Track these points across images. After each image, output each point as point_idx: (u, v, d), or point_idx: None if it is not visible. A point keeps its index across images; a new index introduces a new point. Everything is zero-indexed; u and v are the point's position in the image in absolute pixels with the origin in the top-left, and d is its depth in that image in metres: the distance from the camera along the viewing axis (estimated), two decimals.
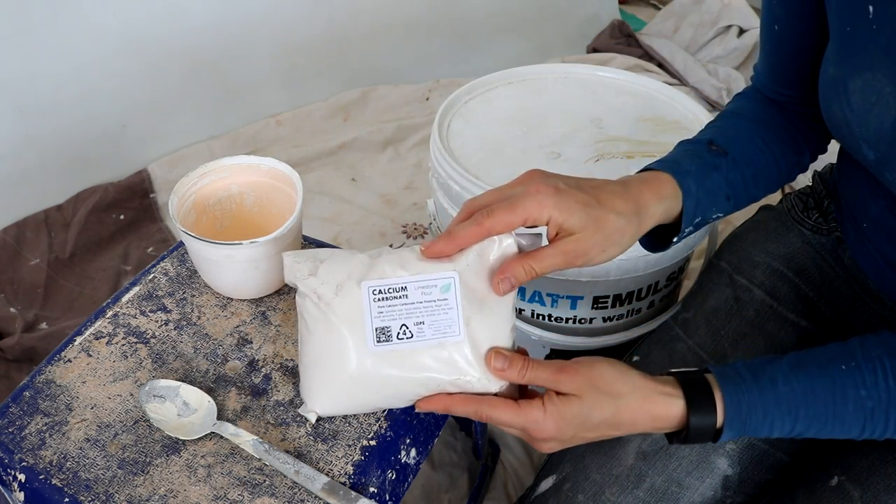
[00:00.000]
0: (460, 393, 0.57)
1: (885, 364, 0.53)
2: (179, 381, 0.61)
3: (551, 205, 0.53)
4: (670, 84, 1.56)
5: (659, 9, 2.10)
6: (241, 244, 0.63)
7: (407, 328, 0.57)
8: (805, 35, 0.65)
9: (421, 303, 0.58)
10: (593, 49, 1.85)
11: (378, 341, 0.57)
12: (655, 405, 0.54)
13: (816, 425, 0.54)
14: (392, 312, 0.57)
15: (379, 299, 0.58)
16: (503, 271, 0.54)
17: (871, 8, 0.52)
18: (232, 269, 0.65)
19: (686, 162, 0.63)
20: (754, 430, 0.55)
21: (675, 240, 0.63)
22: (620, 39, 1.86)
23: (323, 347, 0.58)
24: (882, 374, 0.53)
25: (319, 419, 0.60)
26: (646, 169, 0.62)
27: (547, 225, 0.54)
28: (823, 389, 0.54)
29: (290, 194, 0.69)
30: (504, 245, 0.57)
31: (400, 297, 0.57)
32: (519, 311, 0.92)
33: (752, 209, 0.89)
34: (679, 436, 0.56)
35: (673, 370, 0.58)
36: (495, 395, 0.57)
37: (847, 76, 0.55)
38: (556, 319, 0.91)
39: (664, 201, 0.59)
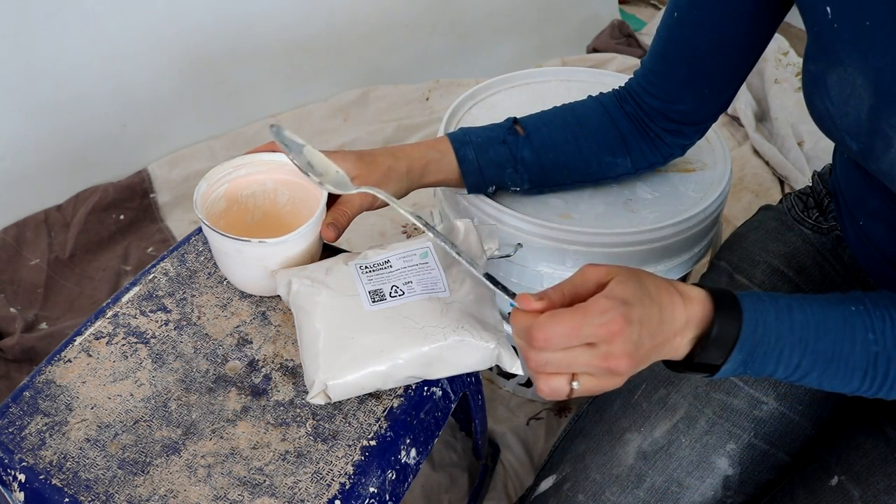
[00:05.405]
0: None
1: (892, 314, 0.53)
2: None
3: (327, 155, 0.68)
4: None
5: (659, 9, 2.10)
6: (249, 241, 0.63)
7: (397, 287, 0.62)
8: (700, 27, 0.67)
9: (405, 268, 0.63)
10: (593, 49, 1.85)
11: (373, 301, 0.61)
12: (687, 293, 0.52)
13: (822, 363, 0.53)
14: (381, 279, 0.63)
15: (367, 272, 0.63)
16: (328, 219, 0.66)
17: (828, 9, 0.54)
18: (242, 263, 0.66)
19: (475, 133, 0.76)
20: (762, 357, 0.53)
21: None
22: (620, 39, 1.86)
23: (323, 322, 0.60)
24: (890, 323, 0.53)
25: (323, 412, 0.60)
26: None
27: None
28: (835, 324, 0.53)
29: (320, 200, 0.67)
30: (465, 229, 0.66)
31: (385, 267, 0.64)
32: None
33: (752, 209, 0.89)
34: (700, 344, 0.52)
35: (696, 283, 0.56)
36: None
37: (824, 71, 0.57)
38: None
39: (430, 153, 0.74)
